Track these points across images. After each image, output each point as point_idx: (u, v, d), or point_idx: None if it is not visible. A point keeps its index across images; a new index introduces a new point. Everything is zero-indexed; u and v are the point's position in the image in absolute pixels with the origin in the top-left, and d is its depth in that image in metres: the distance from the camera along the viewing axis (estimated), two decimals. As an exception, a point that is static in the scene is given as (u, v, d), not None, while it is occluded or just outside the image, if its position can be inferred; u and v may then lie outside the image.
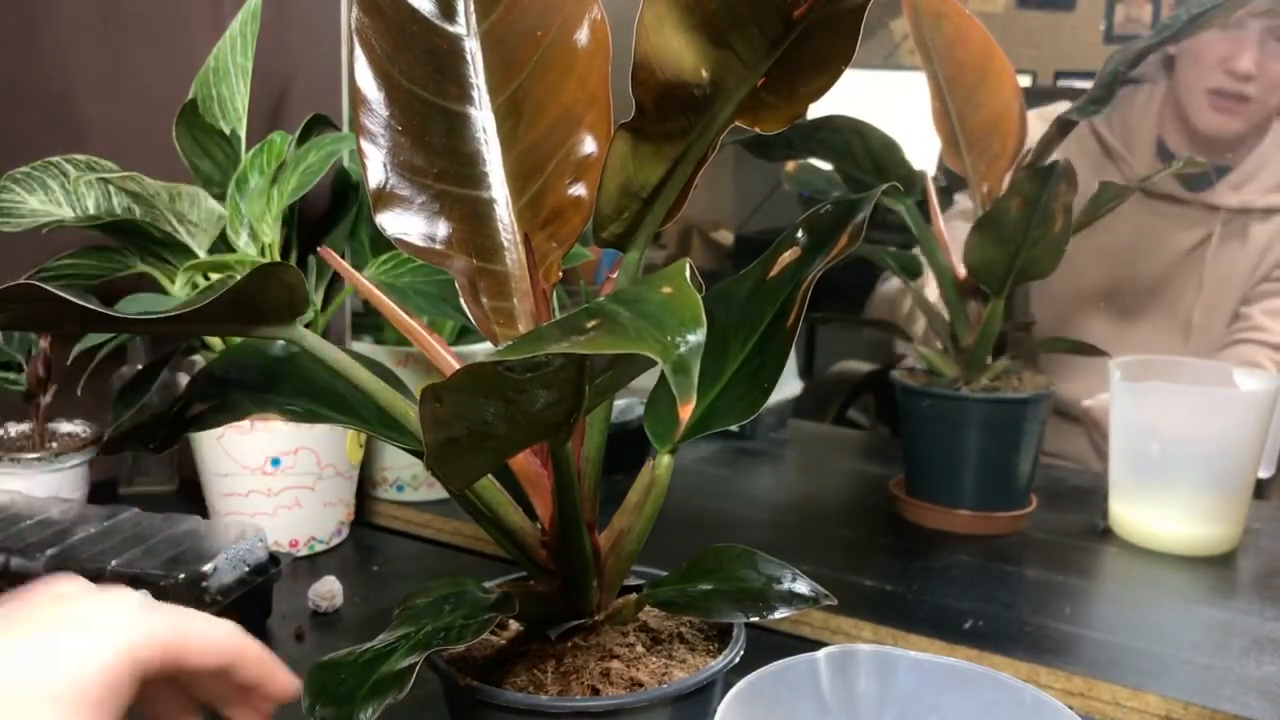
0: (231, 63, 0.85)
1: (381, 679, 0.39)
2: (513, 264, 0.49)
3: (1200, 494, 0.88)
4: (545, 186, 0.48)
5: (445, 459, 0.39)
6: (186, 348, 0.85)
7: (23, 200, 0.79)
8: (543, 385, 0.35)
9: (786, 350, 0.46)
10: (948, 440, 0.92)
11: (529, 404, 0.36)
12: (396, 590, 0.79)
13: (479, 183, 0.48)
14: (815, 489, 1.11)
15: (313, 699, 0.39)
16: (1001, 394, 0.92)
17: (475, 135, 0.48)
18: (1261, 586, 0.83)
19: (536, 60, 0.47)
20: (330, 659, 0.42)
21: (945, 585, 0.82)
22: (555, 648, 0.48)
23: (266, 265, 0.40)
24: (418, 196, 0.47)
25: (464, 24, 0.47)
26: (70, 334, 0.81)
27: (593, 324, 0.31)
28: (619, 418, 1.08)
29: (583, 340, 0.31)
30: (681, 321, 0.31)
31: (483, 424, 0.36)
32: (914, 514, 0.95)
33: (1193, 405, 0.88)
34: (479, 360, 0.32)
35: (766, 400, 0.46)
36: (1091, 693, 0.67)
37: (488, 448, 0.39)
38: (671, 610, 0.49)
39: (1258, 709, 0.64)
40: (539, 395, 0.35)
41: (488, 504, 0.46)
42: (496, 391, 0.34)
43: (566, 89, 0.47)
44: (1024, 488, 0.94)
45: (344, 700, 0.39)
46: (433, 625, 0.43)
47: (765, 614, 0.45)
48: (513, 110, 0.48)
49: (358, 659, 0.41)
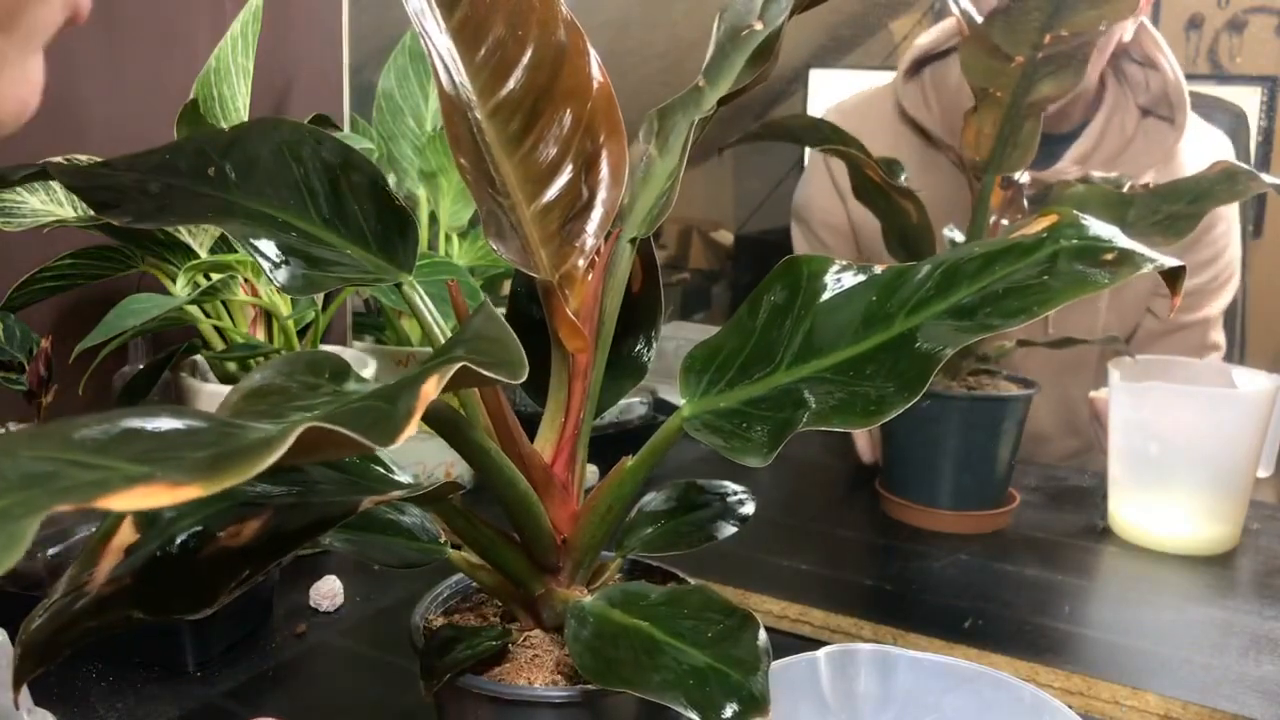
0: (233, 63, 0.85)
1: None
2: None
3: (1199, 494, 0.88)
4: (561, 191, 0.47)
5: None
6: (188, 347, 0.85)
7: (24, 200, 0.79)
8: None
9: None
10: (928, 439, 0.93)
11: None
12: (397, 589, 0.79)
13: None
14: (805, 486, 1.11)
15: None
16: (981, 393, 0.92)
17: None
18: (1260, 586, 0.83)
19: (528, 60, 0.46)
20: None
21: (944, 584, 0.82)
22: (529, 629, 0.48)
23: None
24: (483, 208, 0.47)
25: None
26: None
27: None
28: (619, 417, 1.08)
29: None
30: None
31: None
32: (896, 512, 0.95)
33: (1192, 405, 0.88)
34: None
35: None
36: (1090, 692, 0.67)
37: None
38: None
39: (1256, 708, 0.64)
40: None
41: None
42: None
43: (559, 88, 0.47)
44: (1003, 486, 0.95)
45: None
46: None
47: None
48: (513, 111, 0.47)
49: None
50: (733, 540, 0.50)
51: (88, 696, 0.63)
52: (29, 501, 0.20)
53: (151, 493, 0.21)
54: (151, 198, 0.44)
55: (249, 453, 0.23)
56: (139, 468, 0.22)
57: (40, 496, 0.20)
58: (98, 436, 0.24)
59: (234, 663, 0.66)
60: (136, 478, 0.21)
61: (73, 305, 0.93)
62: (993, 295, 0.40)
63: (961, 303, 0.41)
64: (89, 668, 0.66)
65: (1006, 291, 0.40)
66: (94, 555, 0.37)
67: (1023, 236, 0.42)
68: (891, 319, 0.43)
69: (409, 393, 0.28)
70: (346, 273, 0.47)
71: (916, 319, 0.42)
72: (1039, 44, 0.85)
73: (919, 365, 0.40)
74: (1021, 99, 0.88)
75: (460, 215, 1.01)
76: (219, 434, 0.25)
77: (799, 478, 1.15)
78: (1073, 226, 0.41)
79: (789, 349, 0.45)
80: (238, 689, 0.64)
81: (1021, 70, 0.86)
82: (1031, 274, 0.40)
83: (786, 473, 1.16)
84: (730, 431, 0.43)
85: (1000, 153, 0.90)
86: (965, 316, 0.40)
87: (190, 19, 0.98)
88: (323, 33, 0.93)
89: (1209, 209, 0.84)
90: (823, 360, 0.43)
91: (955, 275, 0.42)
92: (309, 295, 0.58)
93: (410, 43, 0.99)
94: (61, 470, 0.21)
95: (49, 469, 0.21)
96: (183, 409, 0.26)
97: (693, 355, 0.46)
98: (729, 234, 2.45)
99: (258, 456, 0.23)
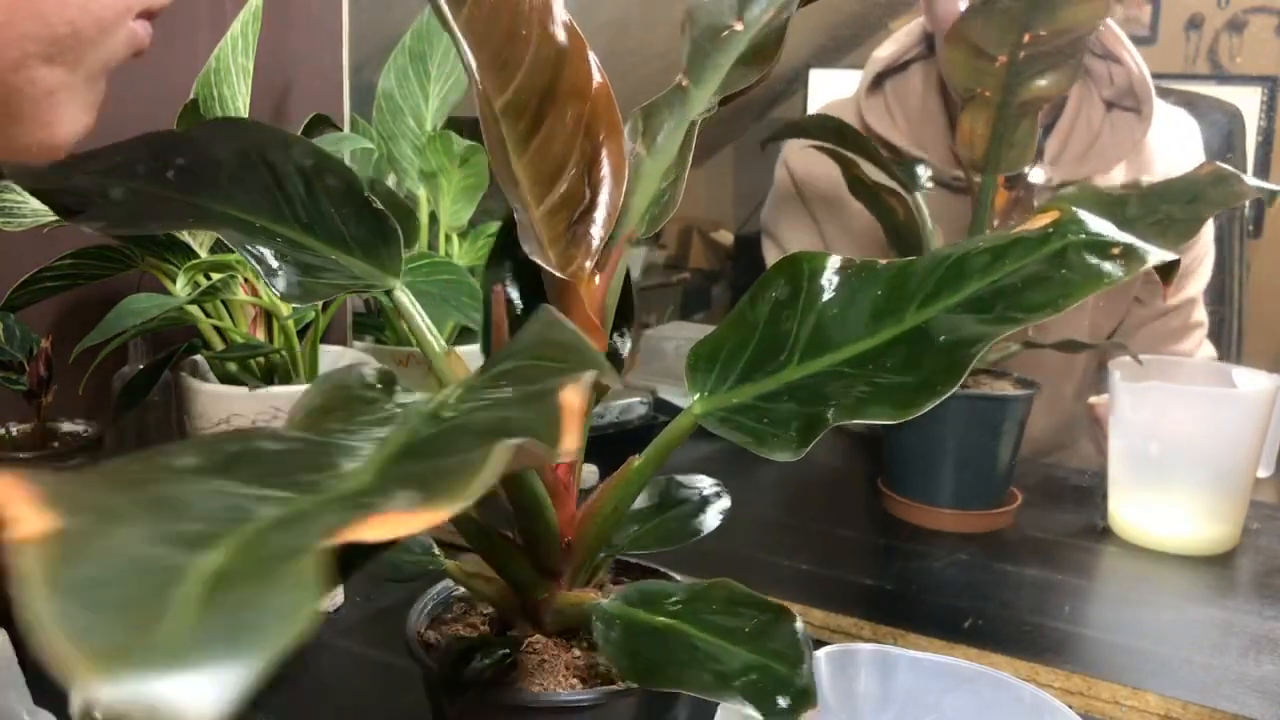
0: (233, 63, 0.85)
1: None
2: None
3: (1199, 494, 0.88)
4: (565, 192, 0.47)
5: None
6: (188, 347, 0.85)
7: (24, 200, 0.79)
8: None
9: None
10: (930, 437, 0.93)
11: None
12: (396, 590, 0.79)
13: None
14: (806, 486, 1.11)
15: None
16: (982, 392, 0.92)
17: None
18: (1260, 586, 0.83)
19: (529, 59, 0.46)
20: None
21: (944, 583, 0.82)
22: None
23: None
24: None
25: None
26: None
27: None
28: (619, 417, 1.08)
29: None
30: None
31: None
32: (898, 510, 0.95)
33: (1192, 405, 0.88)
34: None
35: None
36: (1091, 692, 0.67)
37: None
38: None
39: (1257, 708, 0.64)
40: None
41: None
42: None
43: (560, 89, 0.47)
44: (1005, 485, 0.95)
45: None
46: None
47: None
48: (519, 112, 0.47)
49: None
50: (732, 539, 0.50)
51: (88, 696, 0.63)
52: (295, 542, 0.19)
53: (392, 520, 0.20)
54: (117, 204, 0.44)
55: (462, 474, 0.22)
56: (369, 495, 0.21)
57: (298, 535, 0.19)
58: (264, 469, 0.23)
59: (234, 663, 0.66)
60: (368, 506, 0.20)
61: (73, 305, 0.93)
62: (1011, 288, 0.41)
63: (978, 294, 0.41)
64: (89, 668, 0.66)
65: (1025, 284, 0.40)
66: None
67: (1027, 231, 0.43)
68: (902, 312, 0.43)
69: (552, 400, 0.26)
70: (338, 279, 0.47)
71: (928, 312, 0.42)
72: (1019, 43, 0.85)
73: (946, 358, 0.40)
74: (1011, 98, 0.88)
75: (460, 215, 1.01)
76: (385, 465, 0.24)
77: (799, 477, 1.15)
78: (1076, 222, 0.42)
79: (797, 344, 0.44)
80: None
81: (1006, 69, 0.86)
82: (1046, 268, 0.40)
83: (787, 471, 1.16)
84: (754, 427, 0.43)
85: (996, 152, 0.90)
86: (983, 310, 0.41)
87: (190, 19, 0.98)
88: (323, 33, 0.93)
89: (1207, 214, 0.84)
90: (836, 354, 0.43)
91: (963, 268, 0.42)
92: (307, 304, 0.58)
93: (410, 43, 0.99)
94: (254, 506, 0.20)
95: (241, 505, 0.20)
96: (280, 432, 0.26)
97: (696, 352, 0.46)
98: (729, 234, 2.45)
99: (472, 478, 0.21)
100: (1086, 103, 1.19)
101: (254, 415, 0.78)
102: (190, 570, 0.17)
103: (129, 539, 0.18)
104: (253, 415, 0.78)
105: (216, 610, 0.16)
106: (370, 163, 0.98)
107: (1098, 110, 1.19)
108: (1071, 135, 1.18)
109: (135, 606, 0.16)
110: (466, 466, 0.22)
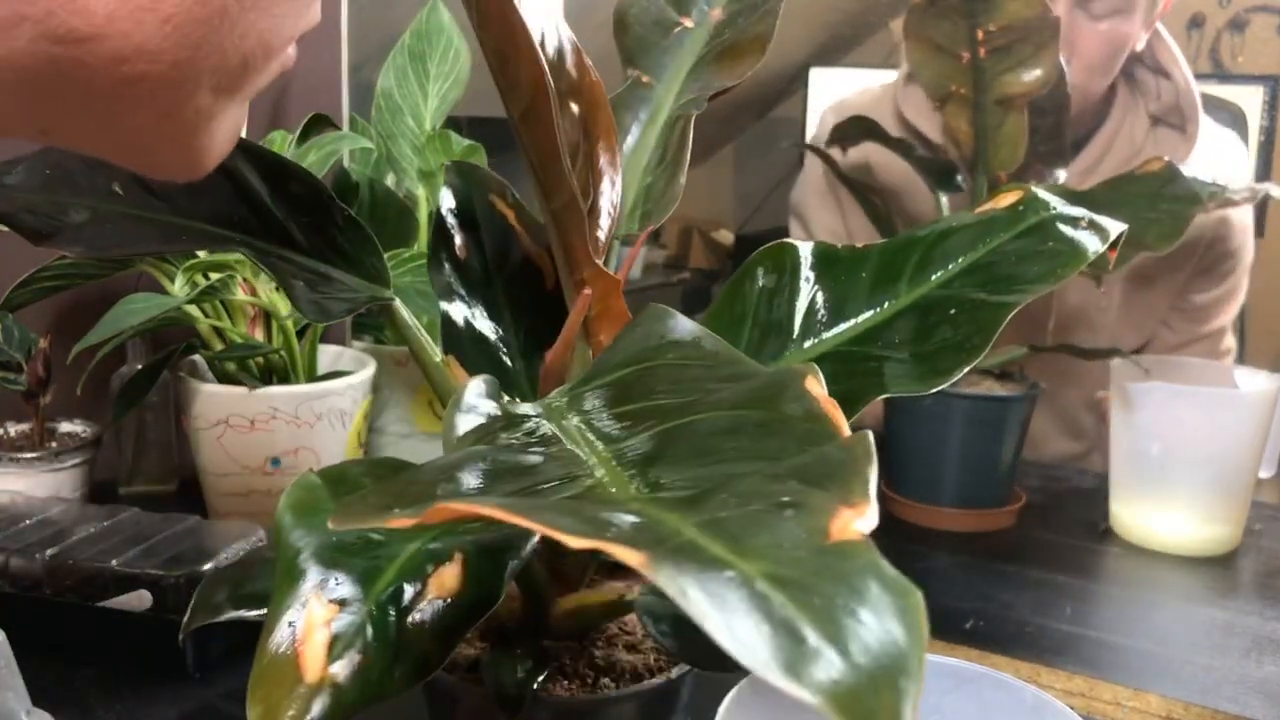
0: (231, 62, 0.85)
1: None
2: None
3: (1201, 494, 0.88)
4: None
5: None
6: (186, 346, 0.85)
7: (22, 200, 0.79)
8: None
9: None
10: (932, 437, 0.93)
11: None
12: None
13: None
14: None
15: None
16: (985, 392, 0.92)
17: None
18: (1262, 587, 0.83)
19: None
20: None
21: (945, 585, 0.82)
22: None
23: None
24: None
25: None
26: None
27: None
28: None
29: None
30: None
31: None
32: (900, 510, 0.95)
33: (1193, 405, 0.88)
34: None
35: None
36: (1092, 693, 0.67)
37: None
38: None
39: (1259, 709, 0.64)
40: None
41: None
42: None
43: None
44: (1007, 485, 0.95)
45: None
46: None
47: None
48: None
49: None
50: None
51: (87, 697, 0.63)
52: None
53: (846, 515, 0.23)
54: (81, 226, 0.43)
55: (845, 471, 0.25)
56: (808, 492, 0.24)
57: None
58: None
59: (233, 664, 0.66)
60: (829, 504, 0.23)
61: (71, 305, 0.93)
62: (1004, 261, 0.41)
63: (975, 265, 0.41)
64: (88, 668, 0.65)
65: (1019, 258, 0.40)
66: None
67: (996, 210, 0.43)
68: (896, 289, 0.43)
69: (809, 396, 0.29)
70: (343, 292, 0.46)
71: (921, 289, 0.42)
72: (975, 39, 0.84)
73: (972, 321, 0.40)
74: (985, 95, 0.87)
75: (460, 215, 1.01)
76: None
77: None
78: (1038, 200, 0.42)
79: (791, 328, 0.44)
80: (237, 690, 0.64)
81: (972, 66, 0.86)
82: (1031, 243, 0.41)
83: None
84: None
85: (984, 150, 0.90)
86: (985, 283, 0.41)
87: (189, 18, 0.98)
88: (321, 32, 0.92)
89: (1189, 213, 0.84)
90: (840, 334, 0.43)
91: (945, 246, 0.43)
92: (323, 322, 0.58)
93: (410, 42, 0.98)
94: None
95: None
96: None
97: None
98: (729, 234, 2.45)
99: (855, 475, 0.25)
100: (1132, 114, 1.17)
101: (253, 415, 0.78)
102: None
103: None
104: (251, 415, 0.78)
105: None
106: (369, 162, 0.98)
107: (1142, 123, 1.17)
108: (1112, 147, 1.17)
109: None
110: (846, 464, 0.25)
